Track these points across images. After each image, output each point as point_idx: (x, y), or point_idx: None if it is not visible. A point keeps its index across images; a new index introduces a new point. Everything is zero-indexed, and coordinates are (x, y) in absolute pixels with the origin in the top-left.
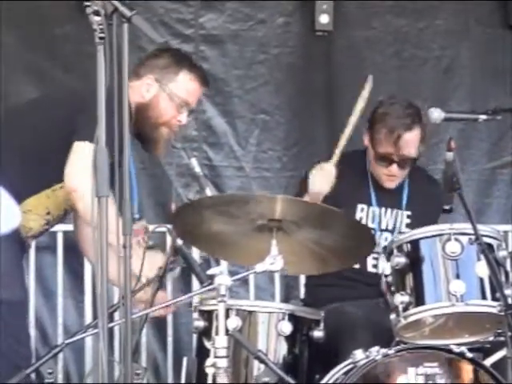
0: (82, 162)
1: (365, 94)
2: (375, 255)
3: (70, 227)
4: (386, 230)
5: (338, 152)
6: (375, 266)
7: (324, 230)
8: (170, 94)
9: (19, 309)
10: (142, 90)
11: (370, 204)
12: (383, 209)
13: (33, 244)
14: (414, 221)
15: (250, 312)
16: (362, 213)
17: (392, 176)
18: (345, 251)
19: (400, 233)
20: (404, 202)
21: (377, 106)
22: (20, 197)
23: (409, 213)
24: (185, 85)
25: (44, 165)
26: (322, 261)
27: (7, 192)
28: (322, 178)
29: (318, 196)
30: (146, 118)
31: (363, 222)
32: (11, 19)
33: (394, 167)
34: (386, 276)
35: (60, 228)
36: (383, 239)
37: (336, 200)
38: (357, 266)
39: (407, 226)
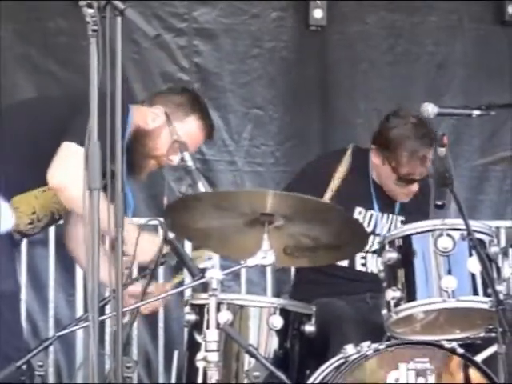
0: (65, 162)
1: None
2: (363, 254)
3: (61, 221)
4: (380, 235)
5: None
6: (364, 265)
7: (316, 225)
8: (172, 132)
9: (11, 301)
10: (148, 117)
11: (368, 208)
12: (380, 214)
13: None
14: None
15: (242, 306)
16: (360, 216)
17: (410, 193)
18: (337, 246)
19: None
20: (398, 207)
21: (384, 126)
22: (10, 193)
23: (402, 218)
24: (190, 129)
25: (36, 164)
26: (313, 254)
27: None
28: None
29: None
30: (141, 145)
31: None
32: (4, 13)
33: (415, 186)
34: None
35: None
36: (376, 243)
37: (335, 199)
38: (345, 265)
39: None
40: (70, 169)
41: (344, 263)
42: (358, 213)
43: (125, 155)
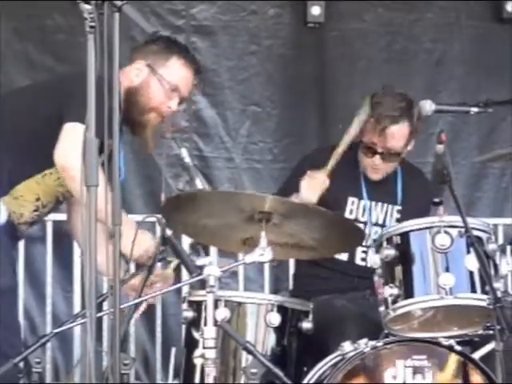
0: (72, 142)
1: (361, 118)
2: (364, 248)
3: (59, 217)
4: (377, 224)
5: (331, 163)
6: (364, 260)
7: (312, 223)
8: (159, 79)
9: (9, 297)
10: (131, 74)
11: (360, 197)
12: (374, 203)
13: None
14: (404, 216)
15: (239, 303)
16: (353, 206)
17: (376, 167)
18: (332, 242)
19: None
20: (396, 196)
21: (372, 95)
22: (11, 183)
23: (399, 208)
24: (175, 70)
25: (34, 151)
26: (311, 249)
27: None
28: (312, 188)
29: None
30: (134, 103)
31: (354, 215)
32: (2, 10)
33: (377, 158)
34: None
35: (50, 218)
36: (373, 233)
37: (327, 192)
38: (345, 259)
39: (397, 220)
40: (75, 149)
41: (344, 257)
42: (351, 203)
43: (124, 119)
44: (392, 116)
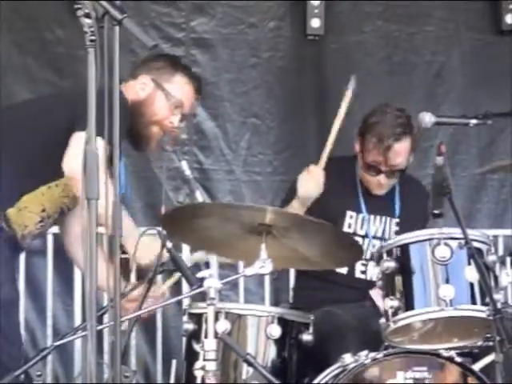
0: (79, 150)
1: (348, 94)
2: (363, 261)
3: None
4: (375, 237)
5: (325, 155)
6: (364, 272)
7: (312, 237)
8: (165, 93)
9: (9, 309)
10: (136, 88)
11: (359, 211)
12: (372, 216)
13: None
14: (403, 228)
15: (240, 315)
16: (351, 220)
17: (380, 184)
18: (332, 256)
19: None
20: (394, 209)
21: (369, 113)
22: (17, 194)
23: (398, 220)
24: (180, 86)
25: (40, 163)
26: (310, 261)
27: (5, 189)
28: (310, 182)
29: (306, 201)
30: (139, 116)
31: (352, 228)
32: (2, 23)
33: (382, 177)
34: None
35: (50, 230)
36: (372, 246)
37: (325, 207)
38: (345, 272)
39: (396, 233)
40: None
41: (344, 270)
42: (350, 217)
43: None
44: (394, 134)
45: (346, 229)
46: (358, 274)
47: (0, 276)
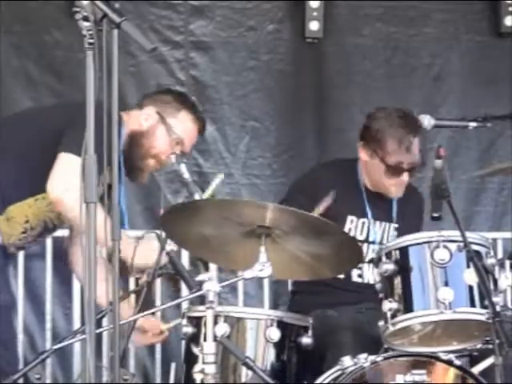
0: (64, 174)
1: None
2: (359, 265)
3: (59, 233)
4: (374, 242)
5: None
6: (360, 276)
7: (313, 240)
8: (167, 128)
9: (6, 313)
10: (140, 118)
11: (360, 216)
12: (372, 221)
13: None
14: (401, 233)
15: (239, 318)
16: (352, 224)
17: (401, 185)
18: (332, 261)
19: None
20: (393, 214)
21: (369, 120)
22: (5, 203)
23: (396, 225)
24: (184, 123)
25: (31, 174)
26: (310, 268)
27: None
28: None
29: None
30: (137, 146)
31: (352, 233)
32: (1, 27)
33: (405, 175)
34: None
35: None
36: (371, 251)
37: (326, 211)
38: (342, 276)
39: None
40: (69, 180)
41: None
42: (350, 221)
43: (122, 161)
44: (412, 130)
45: None
46: (354, 278)
47: None
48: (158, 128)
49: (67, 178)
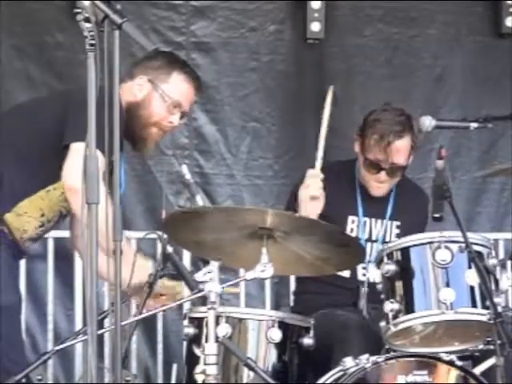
0: (79, 163)
1: (328, 103)
2: (364, 264)
3: (60, 234)
4: (376, 240)
5: (319, 155)
6: (365, 275)
7: (314, 240)
8: (162, 95)
9: (12, 313)
10: (134, 89)
11: (359, 215)
12: (373, 219)
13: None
14: (403, 231)
15: (240, 319)
16: (353, 224)
17: (380, 183)
18: (334, 260)
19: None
20: (394, 212)
21: (369, 113)
22: (16, 199)
23: (398, 223)
24: (177, 86)
25: (39, 166)
26: (312, 265)
27: (4, 194)
28: (312, 197)
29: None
30: (136, 117)
31: (354, 233)
32: (2, 28)
33: (383, 174)
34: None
35: (51, 235)
36: (373, 250)
37: (326, 212)
38: (347, 275)
39: (397, 235)
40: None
41: (346, 273)
42: (351, 221)
43: (125, 134)
44: (395, 131)
45: None
46: (360, 277)
47: (3, 281)
48: (152, 96)
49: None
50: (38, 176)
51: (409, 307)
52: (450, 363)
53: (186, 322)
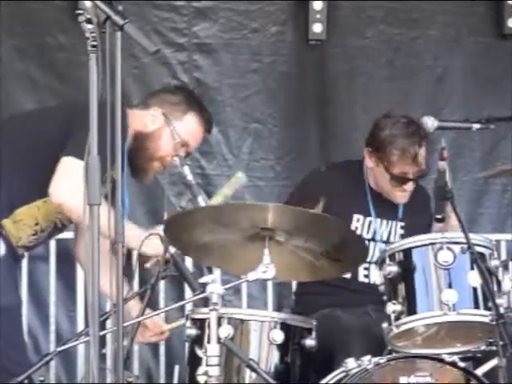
0: (66, 178)
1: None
2: (366, 265)
3: (62, 235)
4: (381, 240)
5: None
6: (367, 276)
7: (316, 239)
8: (172, 131)
9: (12, 314)
10: (146, 119)
11: (366, 215)
12: (379, 220)
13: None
14: (408, 232)
15: (242, 320)
16: (358, 223)
17: (404, 192)
18: (337, 260)
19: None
20: (399, 212)
21: (377, 128)
22: (12, 206)
23: (403, 224)
24: (189, 126)
25: (38, 176)
26: (314, 268)
27: (1, 200)
28: None
29: None
30: (142, 149)
31: (358, 232)
32: (3, 29)
33: (410, 184)
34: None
35: None
36: (377, 250)
37: (331, 210)
38: (348, 276)
39: (401, 236)
40: (71, 184)
41: (347, 274)
42: (356, 220)
43: (127, 160)
44: (415, 142)
45: None
46: (361, 278)
47: (3, 283)
48: (163, 131)
49: (69, 182)
50: (38, 185)
51: (411, 308)
52: (453, 364)
53: (188, 323)
